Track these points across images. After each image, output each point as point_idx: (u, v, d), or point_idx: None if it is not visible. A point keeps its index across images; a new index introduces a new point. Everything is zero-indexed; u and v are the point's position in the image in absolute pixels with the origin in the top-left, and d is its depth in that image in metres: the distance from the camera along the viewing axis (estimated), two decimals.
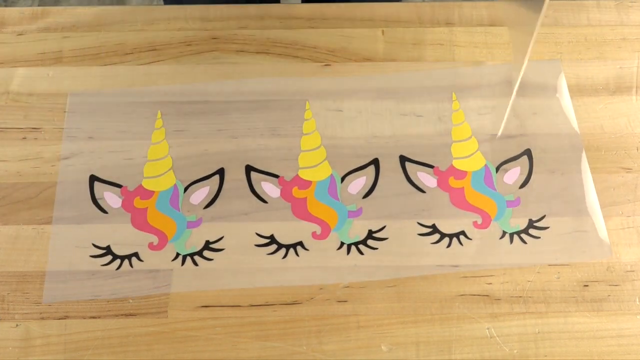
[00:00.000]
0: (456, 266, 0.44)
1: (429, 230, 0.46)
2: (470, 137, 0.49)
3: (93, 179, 0.47)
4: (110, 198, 0.47)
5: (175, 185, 0.47)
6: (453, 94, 0.51)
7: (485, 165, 0.48)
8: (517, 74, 0.47)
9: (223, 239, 0.45)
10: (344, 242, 0.45)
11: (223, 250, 0.45)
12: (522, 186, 0.47)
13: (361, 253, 0.45)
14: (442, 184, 0.47)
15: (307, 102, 0.51)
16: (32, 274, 0.44)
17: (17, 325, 0.42)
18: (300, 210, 0.46)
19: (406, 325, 0.43)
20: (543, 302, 0.43)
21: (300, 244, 0.45)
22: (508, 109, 0.49)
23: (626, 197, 0.47)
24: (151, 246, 0.45)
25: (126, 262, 0.44)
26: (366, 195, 0.47)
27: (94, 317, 0.43)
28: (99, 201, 0.46)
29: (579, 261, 0.45)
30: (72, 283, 0.44)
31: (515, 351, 0.42)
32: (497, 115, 0.50)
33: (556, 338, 0.42)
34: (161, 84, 0.51)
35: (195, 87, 0.51)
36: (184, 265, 0.44)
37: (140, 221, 0.46)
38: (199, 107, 0.50)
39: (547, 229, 0.46)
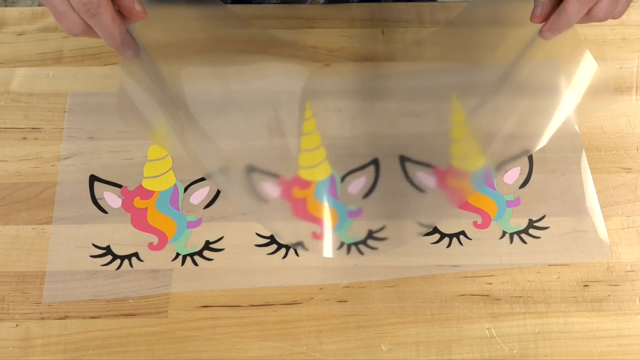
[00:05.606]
0: (456, 266, 0.44)
1: (429, 230, 0.46)
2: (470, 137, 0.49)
3: (93, 179, 0.47)
4: (110, 198, 0.47)
5: (175, 185, 0.47)
6: (453, 93, 0.51)
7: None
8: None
9: (223, 239, 0.45)
10: (344, 242, 0.45)
11: (223, 250, 0.45)
12: (522, 186, 0.47)
13: (361, 253, 0.45)
14: (442, 184, 0.47)
15: (307, 102, 0.51)
16: (32, 274, 0.44)
17: (17, 325, 0.42)
18: (300, 210, 0.46)
19: (406, 325, 0.42)
20: (543, 302, 0.43)
21: (300, 244, 0.45)
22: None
23: (626, 197, 0.47)
24: (151, 246, 0.45)
25: (126, 262, 0.44)
26: (366, 195, 0.47)
27: (93, 317, 0.43)
28: (99, 201, 0.46)
29: (579, 261, 0.45)
30: (72, 283, 0.44)
31: (515, 351, 0.42)
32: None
33: (556, 338, 0.42)
34: None
35: (195, 87, 0.51)
36: (184, 265, 0.44)
37: (140, 221, 0.46)
38: (199, 107, 0.50)
39: (547, 229, 0.46)
